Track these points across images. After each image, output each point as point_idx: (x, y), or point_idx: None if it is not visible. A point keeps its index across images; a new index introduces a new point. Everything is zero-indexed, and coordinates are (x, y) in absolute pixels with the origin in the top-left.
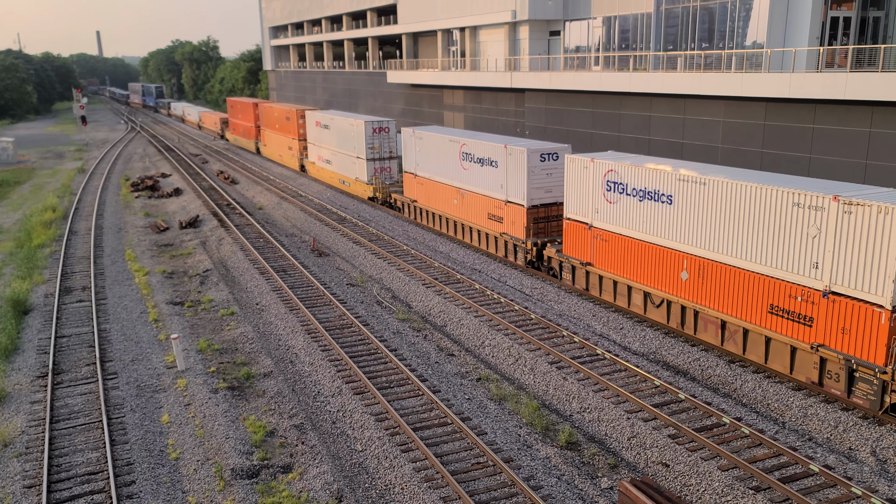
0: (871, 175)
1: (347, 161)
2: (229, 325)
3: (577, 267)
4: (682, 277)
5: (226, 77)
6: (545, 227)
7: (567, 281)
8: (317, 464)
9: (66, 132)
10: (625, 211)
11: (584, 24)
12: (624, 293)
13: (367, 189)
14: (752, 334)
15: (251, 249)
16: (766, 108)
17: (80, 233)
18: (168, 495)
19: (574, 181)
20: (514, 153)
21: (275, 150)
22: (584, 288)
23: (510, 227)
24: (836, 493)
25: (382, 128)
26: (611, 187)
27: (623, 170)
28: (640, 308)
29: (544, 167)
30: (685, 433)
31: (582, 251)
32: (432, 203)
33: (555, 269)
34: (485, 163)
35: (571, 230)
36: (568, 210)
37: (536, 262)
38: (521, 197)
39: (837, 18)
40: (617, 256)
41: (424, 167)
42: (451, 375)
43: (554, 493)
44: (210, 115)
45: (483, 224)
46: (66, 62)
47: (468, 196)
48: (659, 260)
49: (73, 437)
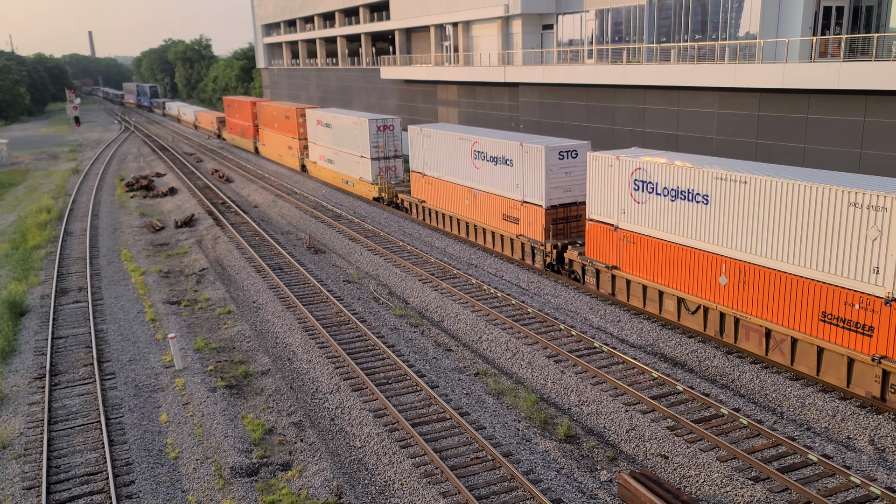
0: (865, 164)
1: (350, 160)
2: (226, 323)
3: (602, 271)
4: (720, 282)
5: (219, 76)
6: (564, 229)
7: (591, 285)
8: (316, 461)
9: (60, 133)
10: (655, 211)
11: (576, 18)
12: (654, 298)
13: (372, 189)
14: (802, 344)
15: (247, 248)
16: (760, 98)
17: (75, 233)
18: (168, 495)
19: (597, 180)
20: (530, 151)
21: (274, 149)
22: (610, 293)
23: (527, 228)
24: (835, 482)
25: (387, 126)
26: (639, 186)
27: (652, 168)
28: (673, 314)
29: (563, 165)
30: (684, 425)
31: (607, 254)
32: (442, 203)
33: (577, 272)
34: (499, 161)
35: (595, 232)
36: (591, 210)
37: (556, 264)
38: (539, 197)
39: (830, 8)
40: (646, 260)
41: (433, 166)
42: (449, 370)
43: (553, 487)
44: (206, 114)
45: (497, 225)
46: (59, 63)
47: (481, 196)
48: (694, 264)
49: (71, 438)
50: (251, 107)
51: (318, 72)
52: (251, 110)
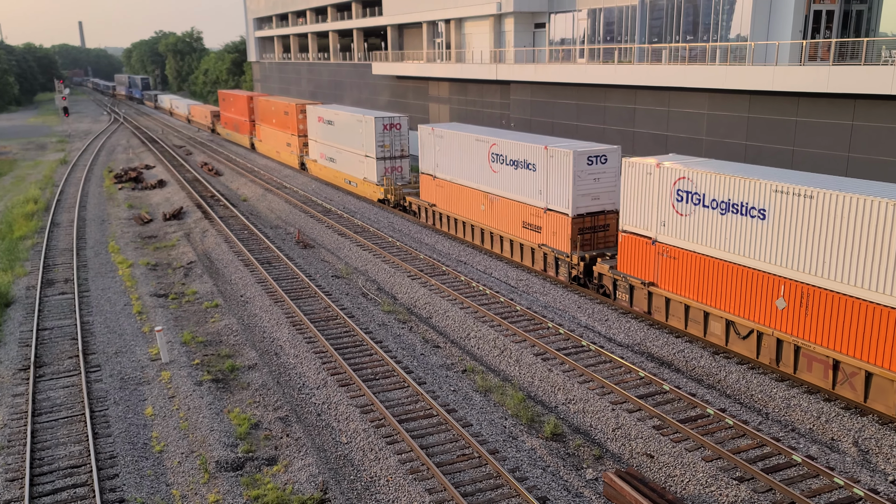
0: (852, 168)
1: (354, 160)
2: (214, 317)
3: (637, 287)
4: (777, 305)
5: (210, 68)
6: (591, 239)
7: (623, 302)
8: (302, 456)
9: (49, 123)
10: (701, 225)
11: (569, 17)
12: (698, 320)
13: (377, 190)
14: (879, 380)
15: (235, 241)
16: (749, 100)
17: (62, 224)
18: (152, 488)
19: (634, 189)
20: (556, 155)
21: (271, 146)
22: (646, 311)
23: (551, 237)
24: (819, 482)
25: (394, 124)
26: (682, 197)
27: (699, 177)
28: (720, 338)
29: (592, 171)
30: (670, 424)
31: (643, 269)
32: (454, 208)
33: (607, 287)
34: (519, 165)
35: (630, 245)
36: (625, 221)
37: (583, 278)
38: (565, 205)
39: (821, 12)
40: (689, 277)
41: (445, 168)
42: (436, 367)
43: (539, 485)
44: (200, 108)
45: (517, 234)
46: (49, 53)
47: (498, 202)
48: (747, 284)
49: (55, 431)
50: (248, 101)
51: (309, 66)
52: (248, 105)
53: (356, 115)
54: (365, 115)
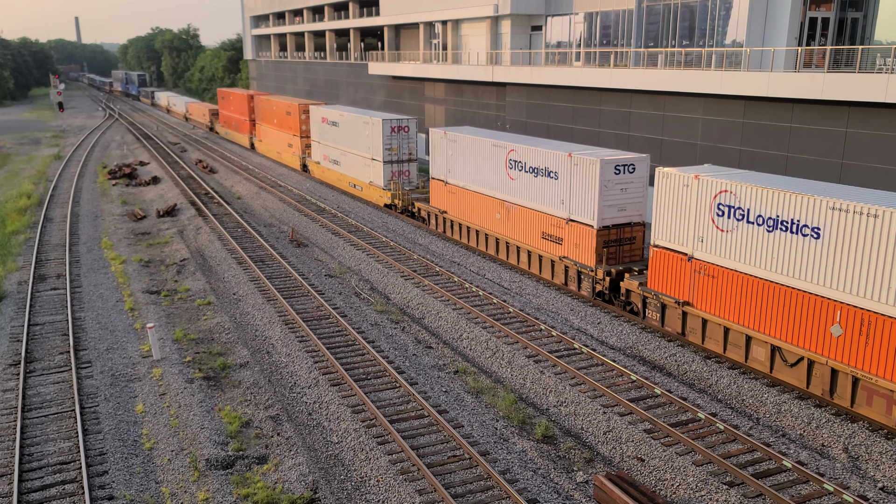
0: (846, 175)
1: (360, 163)
2: (206, 314)
3: (670, 306)
4: (832, 332)
5: (206, 66)
6: (616, 252)
7: (653, 321)
8: (292, 455)
9: (43, 118)
10: (744, 242)
11: (565, 20)
12: (739, 344)
13: (384, 195)
14: None
15: (229, 239)
16: (744, 106)
17: (55, 220)
18: (141, 486)
19: (668, 201)
20: (581, 164)
21: (272, 146)
22: (679, 332)
23: (573, 250)
24: (809, 488)
25: (402, 126)
26: (723, 212)
27: (743, 191)
28: (765, 365)
29: (619, 181)
30: (661, 428)
31: (676, 287)
32: (466, 216)
33: (635, 304)
34: (540, 173)
35: (662, 260)
36: (657, 235)
37: (608, 293)
38: (590, 216)
39: (816, 19)
40: (730, 298)
41: (457, 174)
42: (428, 368)
43: (530, 487)
44: (198, 106)
45: (535, 245)
46: (44, 48)
47: (516, 211)
48: (797, 307)
49: (45, 427)
50: (248, 100)
51: (305, 65)
52: (248, 104)
53: (363, 116)
54: (372, 116)
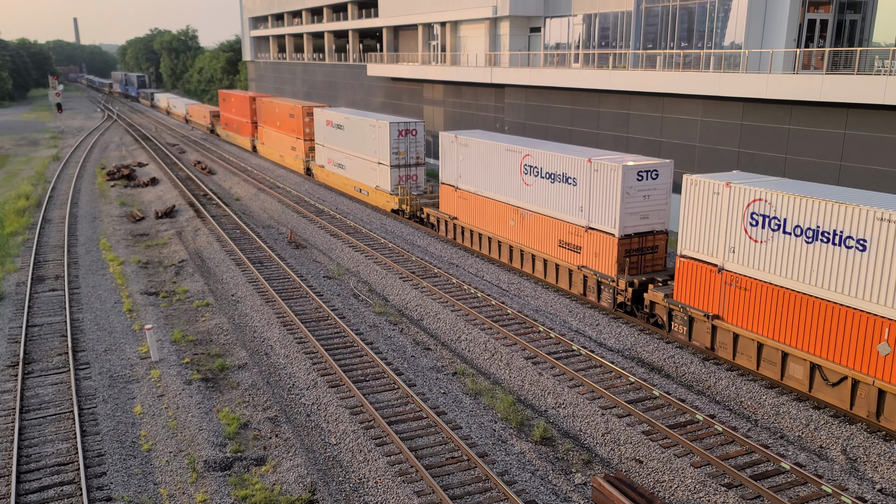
0: (844, 177)
1: (366, 167)
2: (204, 316)
3: (699, 319)
4: (879, 351)
5: (205, 67)
6: (638, 262)
7: (679, 335)
8: (290, 457)
9: (42, 119)
10: (780, 254)
11: (564, 21)
12: (774, 361)
13: (391, 200)
14: None
15: (227, 240)
16: (743, 107)
17: (53, 221)
18: (139, 487)
19: (696, 209)
20: (602, 170)
21: (274, 149)
22: (708, 347)
23: (592, 259)
24: (807, 490)
25: (409, 130)
26: (757, 221)
27: (780, 200)
28: (803, 384)
29: (642, 188)
30: (659, 430)
31: (705, 299)
32: (479, 222)
33: (659, 317)
34: (557, 179)
35: (689, 271)
36: (684, 245)
37: (631, 305)
38: (611, 224)
39: (815, 21)
40: (765, 312)
41: (469, 179)
42: (427, 369)
43: (528, 489)
44: (199, 108)
45: (552, 253)
46: (43, 49)
47: (531, 218)
48: (839, 323)
49: (43, 428)
50: (250, 102)
51: (304, 66)
52: (250, 106)
53: (369, 119)
54: (379, 119)
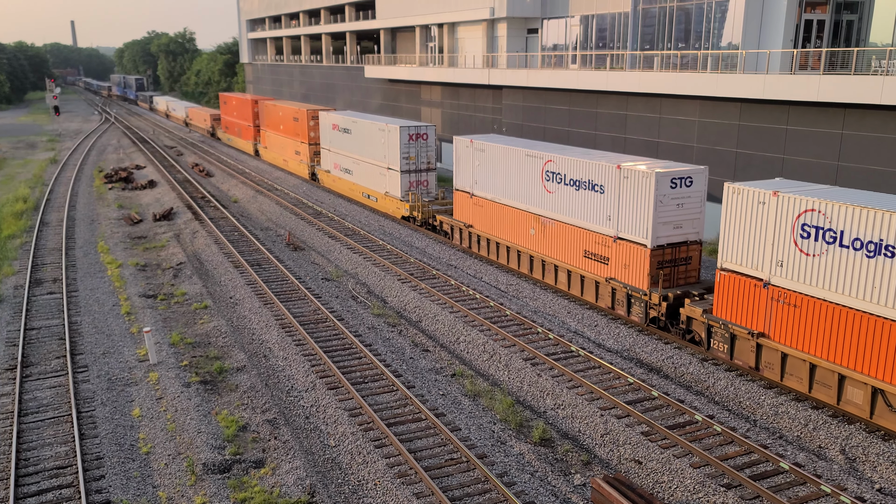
0: (842, 177)
1: (374, 172)
2: (202, 318)
3: (741, 337)
4: None
5: (202, 69)
6: (671, 274)
7: (720, 353)
8: (289, 459)
9: (39, 122)
10: (836, 268)
11: (561, 23)
12: (829, 383)
13: (401, 206)
14: None
15: (225, 243)
16: (740, 108)
17: (51, 224)
18: (138, 490)
19: (739, 220)
20: (632, 176)
21: (278, 153)
22: (752, 366)
23: (622, 271)
24: (806, 490)
25: (420, 134)
26: (809, 233)
27: (836, 211)
28: (863, 409)
29: (675, 196)
30: (658, 430)
31: (749, 316)
32: (496, 231)
33: (697, 333)
34: (582, 186)
35: (731, 286)
36: (725, 258)
37: (664, 320)
38: (643, 234)
39: (811, 21)
40: (817, 330)
41: (485, 185)
42: (425, 371)
43: (527, 490)
44: (199, 111)
45: (576, 264)
46: (40, 52)
47: (553, 226)
48: None
49: (41, 431)
50: (252, 105)
51: (301, 68)
52: (252, 109)
53: (378, 123)
54: (388, 123)
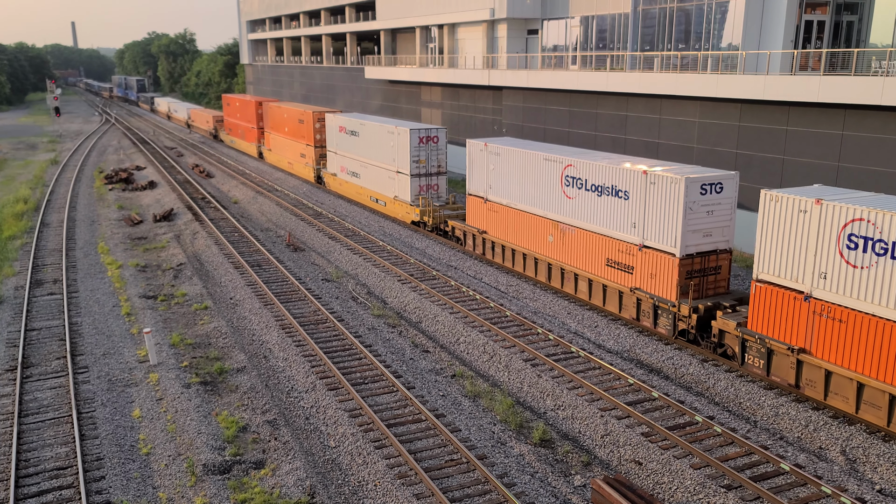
0: (842, 177)
1: (382, 176)
2: (203, 319)
3: (779, 352)
4: None
5: (202, 70)
6: (700, 284)
7: (755, 368)
8: (290, 460)
9: (40, 123)
10: (888, 281)
11: (561, 24)
12: (879, 404)
13: (411, 211)
14: None
15: (225, 243)
16: (740, 109)
17: (52, 225)
18: (138, 491)
19: (776, 228)
20: (660, 182)
21: (282, 156)
22: (792, 384)
23: (648, 281)
24: (807, 491)
25: (430, 137)
26: (856, 244)
27: (887, 220)
28: None
29: (705, 203)
30: (658, 431)
31: (788, 330)
32: (511, 237)
33: (730, 347)
34: (605, 192)
35: (768, 298)
36: (762, 268)
37: (694, 332)
38: (671, 242)
39: (812, 22)
40: (866, 347)
41: (500, 190)
42: (425, 372)
43: (527, 491)
44: (202, 112)
45: (598, 273)
46: (41, 53)
47: (572, 233)
48: None
49: (42, 432)
50: (256, 107)
51: (302, 69)
52: (256, 111)
53: (387, 125)
54: (398, 126)
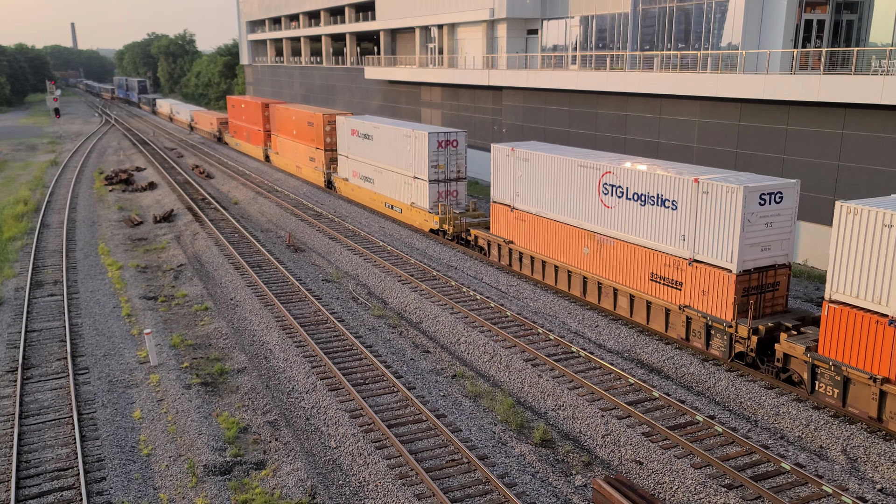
0: (842, 177)
1: (398, 181)
2: (203, 320)
3: (859, 382)
4: None
5: (202, 71)
6: (758, 302)
7: (828, 397)
8: (290, 460)
9: (39, 124)
10: None
11: (561, 23)
12: None
13: (430, 218)
14: None
15: (226, 244)
16: (740, 108)
17: (52, 226)
18: (139, 492)
19: (854, 244)
20: (713, 191)
21: (290, 159)
22: (874, 416)
23: (698, 298)
24: (808, 490)
25: (450, 141)
26: None
27: None
28: None
29: (764, 213)
30: (659, 431)
31: (868, 357)
32: (541, 248)
33: (796, 372)
34: (649, 201)
35: (844, 321)
36: (836, 288)
37: (754, 356)
38: (727, 257)
39: (811, 21)
40: None
41: (529, 198)
42: (426, 372)
43: (528, 491)
44: (205, 114)
45: (641, 288)
46: (40, 54)
47: (611, 245)
48: None
49: (42, 433)
50: (262, 109)
51: (301, 70)
52: (262, 113)
53: (403, 129)
54: (415, 129)
